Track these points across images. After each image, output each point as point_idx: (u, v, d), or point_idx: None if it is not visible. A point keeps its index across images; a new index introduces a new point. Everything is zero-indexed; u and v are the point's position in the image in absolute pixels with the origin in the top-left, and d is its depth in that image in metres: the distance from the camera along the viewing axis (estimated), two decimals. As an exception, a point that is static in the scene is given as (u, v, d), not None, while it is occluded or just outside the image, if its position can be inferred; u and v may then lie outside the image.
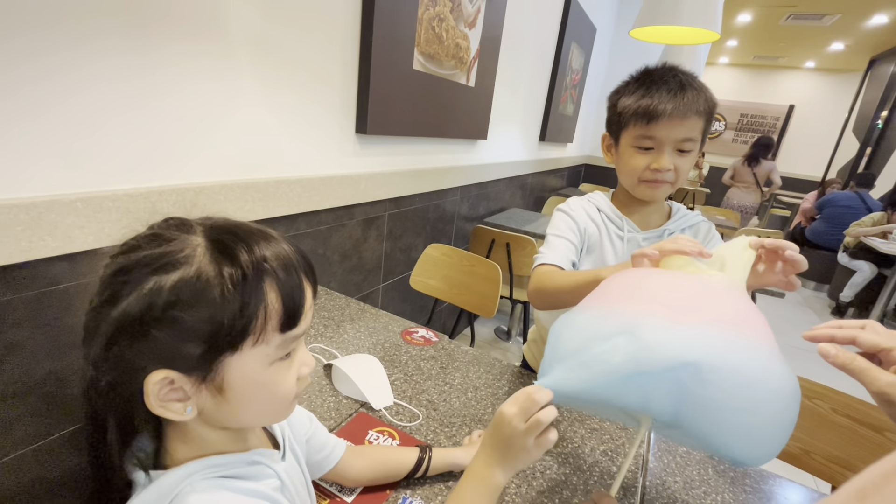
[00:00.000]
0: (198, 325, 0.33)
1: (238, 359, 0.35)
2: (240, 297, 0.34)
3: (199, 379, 0.35)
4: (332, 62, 1.18)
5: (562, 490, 0.66)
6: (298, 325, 0.38)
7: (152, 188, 0.83)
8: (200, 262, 0.34)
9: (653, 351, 0.42)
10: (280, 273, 0.37)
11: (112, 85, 0.74)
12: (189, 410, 0.36)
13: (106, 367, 0.34)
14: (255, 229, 0.39)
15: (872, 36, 5.75)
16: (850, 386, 0.92)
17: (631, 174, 0.80)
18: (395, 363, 0.93)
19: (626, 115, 0.77)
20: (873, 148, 6.10)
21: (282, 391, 0.40)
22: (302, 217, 1.20)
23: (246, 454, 0.42)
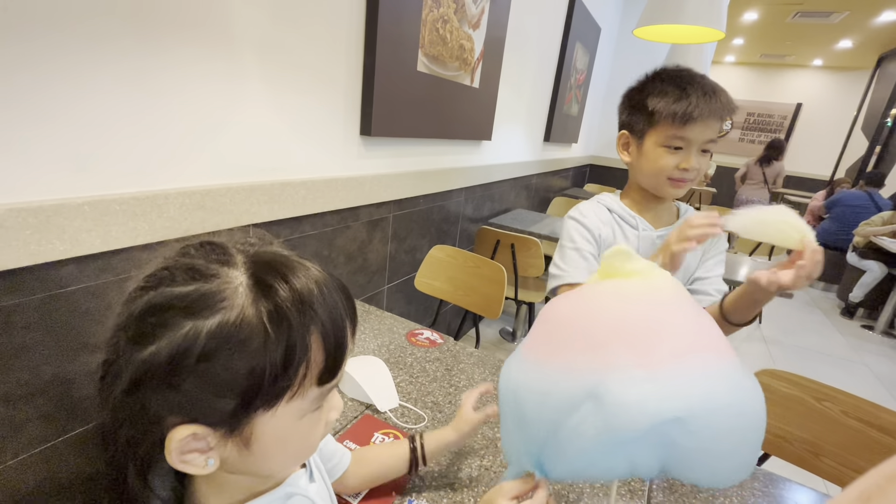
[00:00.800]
0: (234, 378, 0.30)
1: (271, 415, 0.32)
2: (283, 350, 0.31)
3: (225, 433, 0.32)
4: (337, 65, 1.18)
5: (568, 493, 0.66)
6: (338, 376, 0.36)
7: (158, 191, 0.83)
8: (243, 305, 0.30)
9: (626, 415, 0.37)
10: (326, 322, 0.33)
11: (119, 88, 0.75)
12: (210, 463, 0.33)
13: (125, 414, 0.31)
14: (299, 264, 0.35)
15: (881, 33, 5.68)
16: (857, 388, 0.91)
17: (658, 173, 0.81)
18: (400, 365, 0.93)
19: (660, 115, 0.78)
20: (882, 146, 6.04)
21: (312, 441, 0.38)
22: (307, 219, 1.21)
23: (279, 490, 0.39)
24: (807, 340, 3.19)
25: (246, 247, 0.35)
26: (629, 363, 0.39)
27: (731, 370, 0.41)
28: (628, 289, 0.45)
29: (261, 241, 0.37)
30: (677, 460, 0.40)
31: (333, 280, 0.36)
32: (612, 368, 0.39)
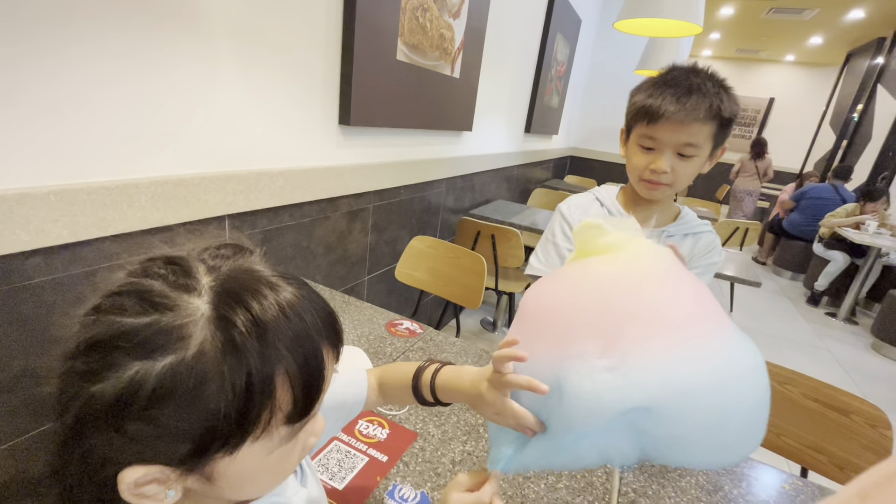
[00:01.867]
0: (185, 426, 0.27)
1: (230, 459, 0.30)
2: (242, 398, 0.28)
3: (183, 472, 0.29)
4: (315, 53, 1.16)
5: (547, 476, 0.68)
6: (311, 413, 0.32)
7: (129, 180, 0.81)
8: (201, 343, 0.27)
9: (587, 407, 0.37)
10: (296, 360, 0.30)
11: (86, 73, 0.72)
12: (171, 494, 0.30)
13: (74, 449, 0.29)
14: (270, 288, 0.31)
15: (850, 30, 5.87)
16: (819, 372, 0.96)
17: (633, 171, 0.82)
18: (380, 355, 0.94)
19: (635, 113, 0.78)
20: (849, 141, 6.27)
21: (285, 471, 0.35)
22: (285, 209, 1.19)
23: (266, 499, 0.37)
24: (775, 327, 3.33)
25: (217, 262, 0.31)
26: (593, 352, 0.38)
27: (717, 348, 0.39)
28: (596, 270, 0.44)
29: (236, 254, 0.33)
30: (654, 448, 0.39)
31: (309, 298, 0.32)
32: (576, 360, 0.38)
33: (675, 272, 0.44)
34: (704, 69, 0.76)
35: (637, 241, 0.45)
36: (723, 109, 0.72)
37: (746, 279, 1.90)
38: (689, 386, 0.37)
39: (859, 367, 2.84)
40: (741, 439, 0.40)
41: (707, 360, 0.38)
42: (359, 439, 0.70)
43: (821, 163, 7.11)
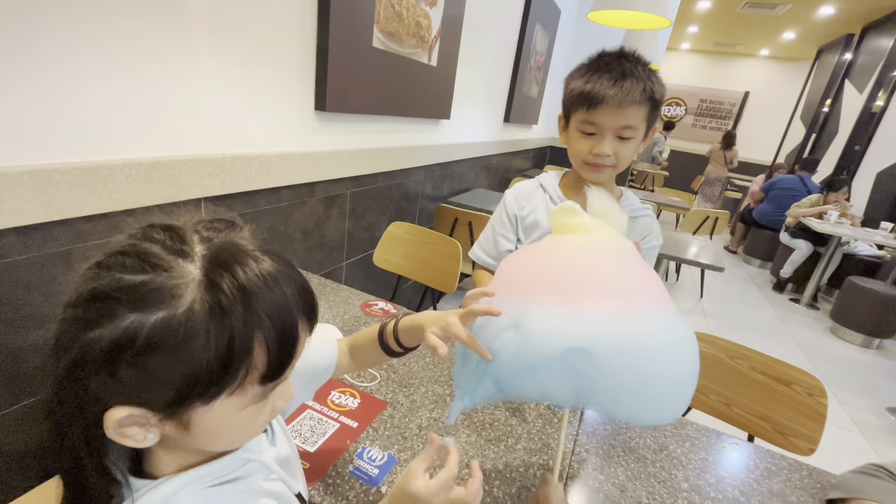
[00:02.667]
0: (170, 375, 0.31)
1: (207, 409, 0.33)
2: (223, 352, 0.31)
3: (163, 417, 0.33)
4: (289, 37, 1.17)
5: (507, 438, 0.73)
6: (284, 375, 0.36)
7: (104, 161, 0.82)
8: (191, 303, 0.30)
9: (538, 342, 0.43)
10: (274, 326, 0.33)
11: (60, 55, 0.73)
12: (150, 437, 0.33)
13: (69, 388, 0.31)
14: (253, 259, 0.34)
15: (821, 26, 6.05)
16: (780, 354, 1.04)
17: (576, 156, 0.85)
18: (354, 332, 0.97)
19: (572, 99, 0.80)
20: (818, 134, 6.49)
21: (255, 428, 0.39)
22: (261, 194, 1.21)
23: (236, 454, 0.40)
24: (742, 313, 3.47)
25: (210, 234, 0.35)
26: (551, 302, 0.45)
27: (655, 318, 0.45)
28: (567, 242, 0.51)
29: (228, 228, 0.36)
30: (589, 392, 0.45)
31: (289, 275, 0.36)
32: (535, 305, 0.45)
33: (631, 256, 0.51)
34: (632, 53, 0.79)
35: (605, 228, 0.52)
36: (655, 92, 0.77)
37: (711, 264, 1.99)
38: (627, 342, 0.44)
39: (817, 350, 3.00)
40: (670, 399, 0.46)
41: (646, 325, 0.45)
42: (331, 408, 0.74)
43: (791, 155, 7.35)
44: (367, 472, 0.63)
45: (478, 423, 0.76)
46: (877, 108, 4.86)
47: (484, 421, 0.76)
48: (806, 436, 0.99)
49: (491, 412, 0.79)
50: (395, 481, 0.62)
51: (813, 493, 0.70)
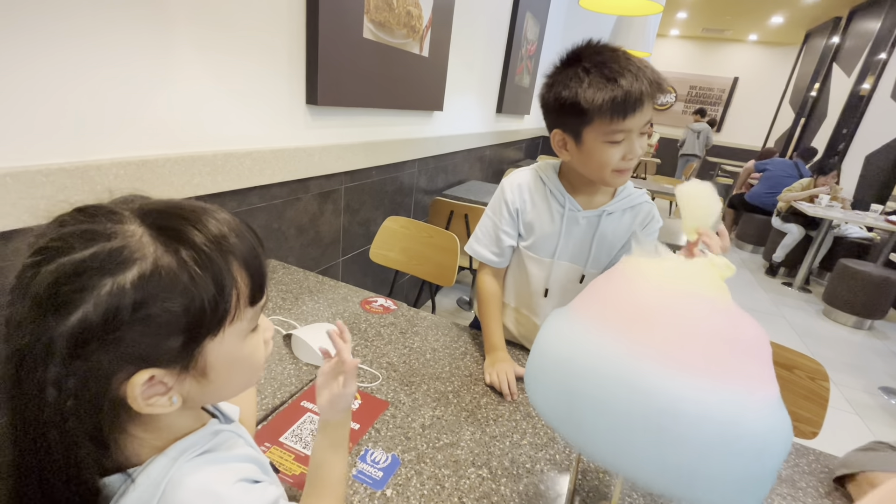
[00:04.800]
0: (175, 317, 0.31)
1: (218, 341, 0.35)
2: (212, 280, 0.32)
3: (181, 370, 0.34)
4: (278, 31, 1.14)
5: (512, 434, 0.72)
6: (265, 295, 0.38)
7: (90, 162, 0.79)
8: (154, 254, 0.31)
9: None
10: (240, 246, 0.35)
11: (41, 51, 0.70)
12: (175, 400, 0.34)
13: (71, 383, 0.30)
14: (190, 206, 0.35)
15: (808, 10, 6.06)
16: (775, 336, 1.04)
17: (604, 167, 0.78)
18: (354, 331, 0.96)
19: (596, 111, 0.72)
20: (807, 118, 6.53)
21: (258, 359, 0.41)
22: (254, 191, 1.18)
23: (207, 427, 0.41)
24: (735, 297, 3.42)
25: (127, 204, 0.34)
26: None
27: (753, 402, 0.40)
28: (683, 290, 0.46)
29: (140, 198, 0.36)
30: None
31: (233, 215, 0.38)
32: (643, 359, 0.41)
33: None
34: (616, 48, 0.75)
35: None
36: (661, 83, 0.73)
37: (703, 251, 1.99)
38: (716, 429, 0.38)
39: (811, 332, 3.04)
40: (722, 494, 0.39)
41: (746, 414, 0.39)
42: (334, 409, 0.73)
43: (781, 140, 7.39)
44: (371, 476, 0.62)
45: (482, 420, 0.75)
46: (864, 92, 4.89)
47: (488, 417, 0.76)
48: (809, 419, 0.99)
49: (495, 408, 0.78)
50: (400, 484, 0.61)
51: (821, 478, 0.70)
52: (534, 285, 0.96)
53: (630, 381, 0.41)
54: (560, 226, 0.89)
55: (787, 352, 1.06)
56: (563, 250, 0.91)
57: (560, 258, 0.92)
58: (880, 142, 4.32)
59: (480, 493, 0.61)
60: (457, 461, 0.66)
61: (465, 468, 0.64)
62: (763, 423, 0.39)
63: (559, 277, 0.93)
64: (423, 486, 0.61)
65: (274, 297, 1.05)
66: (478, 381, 0.85)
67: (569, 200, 0.88)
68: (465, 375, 0.86)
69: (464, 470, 0.64)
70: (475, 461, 0.66)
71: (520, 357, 0.93)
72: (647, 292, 0.46)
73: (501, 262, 0.96)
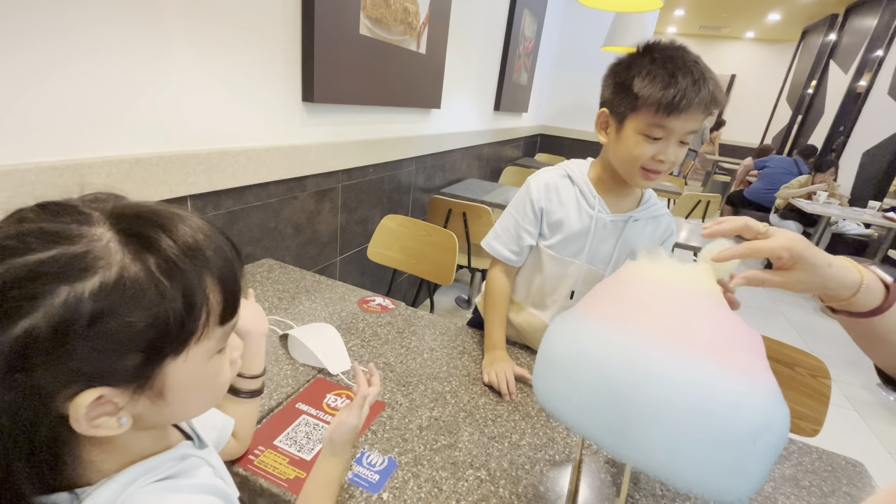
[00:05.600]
0: (136, 333, 0.28)
1: (181, 361, 0.32)
2: (181, 294, 0.30)
3: (135, 389, 0.30)
4: (273, 27, 1.12)
5: (510, 434, 0.72)
6: (237, 314, 0.36)
7: (81, 160, 0.78)
8: (121, 262, 0.28)
9: None
10: (216, 260, 0.33)
11: (31, 48, 0.68)
12: (124, 422, 0.31)
13: (8, 398, 0.27)
14: (167, 211, 0.33)
15: (806, 7, 6.06)
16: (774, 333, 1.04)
17: (633, 161, 0.77)
18: (351, 331, 0.95)
19: (644, 101, 0.72)
20: (804, 116, 6.54)
21: (222, 381, 0.38)
22: (250, 189, 1.17)
23: (174, 450, 0.38)
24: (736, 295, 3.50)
25: (98, 204, 0.31)
26: None
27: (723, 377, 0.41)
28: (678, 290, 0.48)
29: (114, 198, 0.33)
30: None
31: (211, 224, 0.36)
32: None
33: None
34: (692, 52, 0.74)
35: None
36: (719, 98, 0.73)
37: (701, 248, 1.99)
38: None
39: (809, 329, 3.04)
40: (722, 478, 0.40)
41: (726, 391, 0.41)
42: (327, 412, 0.72)
43: (778, 137, 7.39)
44: (368, 479, 0.61)
45: (480, 421, 0.74)
46: (861, 89, 4.90)
47: (486, 417, 0.75)
48: (810, 417, 0.99)
49: (493, 408, 0.77)
50: (397, 487, 0.60)
51: (825, 477, 0.70)
52: (550, 284, 0.94)
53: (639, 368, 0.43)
54: (589, 227, 0.87)
55: (788, 349, 1.05)
56: (591, 254, 0.89)
57: (584, 260, 0.90)
58: (877, 138, 4.33)
59: (479, 496, 0.60)
60: (455, 463, 0.65)
61: (463, 470, 0.63)
62: (761, 408, 0.41)
63: (580, 280, 0.91)
64: (421, 488, 0.60)
65: (270, 296, 1.04)
66: (476, 380, 0.84)
67: (599, 202, 0.87)
68: (463, 375, 0.85)
69: (462, 472, 0.63)
70: (473, 463, 0.65)
71: (520, 356, 0.92)
72: (651, 290, 0.49)
73: (518, 261, 0.95)
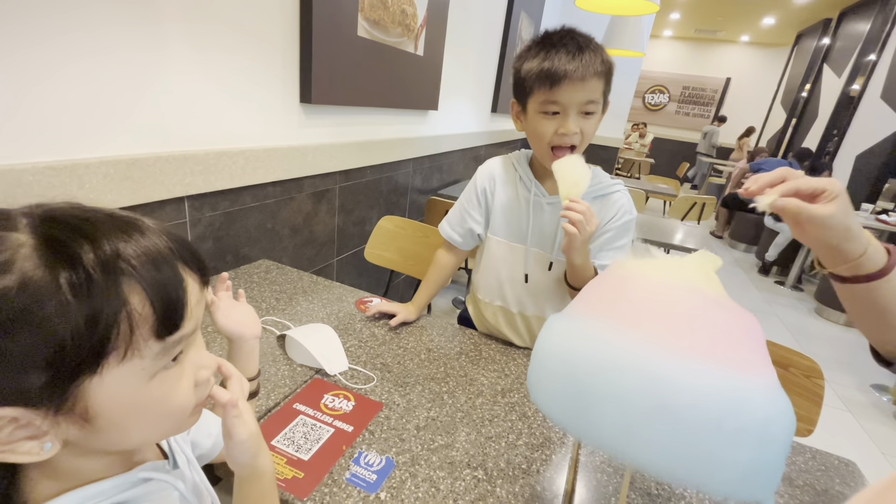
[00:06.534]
0: (30, 350, 0.26)
1: (101, 380, 0.29)
2: (86, 308, 0.27)
3: (52, 411, 0.28)
4: (272, 29, 1.13)
5: (507, 434, 0.72)
6: (182, 326, 0.32)
7: (78, 160, 0.78)
8: (24, 268, 0.26)
9: None
10: (144, 269, 0.29)
11: (28, 47, 0.68)
12: (48, 447, 0.29)
13: None
14: (108, 217, 0.30)
15: (800, 11, 6.11)
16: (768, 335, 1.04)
17: (540, 140, 0.81)
18: (349, 331, 0.95)
19: (530, 80, 0.77)
20: (798, 119, 6.59)
21: (174, 404, 0.34)
22: (247, 190, 1.17)
23: (130, 474, 0.35)
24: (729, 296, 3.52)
25: (33, 209, 0.29)
26: None
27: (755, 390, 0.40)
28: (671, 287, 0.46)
29: (69, 205, 0.31)
30: None
31: (164, 231, 0.33)
32: None
33: None
34: (576, 29, 0.78)
35: None
36: (610, 64, 0.77)
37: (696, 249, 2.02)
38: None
39: (803, 330, 3.06)
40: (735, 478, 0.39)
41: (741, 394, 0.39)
42: (324, 412, 0.72)
43: (773, 140, 7.45)
44: (365, 479, 0.61)
45: (477, 421, 0.74)
46: (854, 92, 4.94)
47: (483, 417, 0.75)
48: (804, 417, 0.99)
49: (490, 408, 0.77)
50: (394, 486, 0.60)
51: (818, 476, 0.71)
52: (504, 272, 0.98)
53: (633, 368, 0.42)
54: (527, 211, 0.91)
55: (782, 350, 1.06)
56: (533, 236, 0.93)
57: (532, 244, 0.94)
58: (870, 142, 4.37)
59: (476, 495, 0.60)
60: (452, 463, 0.65)
61: (460, 469, 0.64)
62: (763, 406, 0.40)
63: (534, 263, 0.95)
64: (418, 488, 0.60)
65: (268, 297, 1.04)
66: (473, 381, 0.84)
67: (535, 186, 0.90)
68: (461, 376, 0.85)
69: (459, 471, 0.63)
70: (470, 462, 0.65)
71: (510, 352, 0.93)
72: (644, 287, 0.47)
73: (463, 243, 1.02)
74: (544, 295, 0.97)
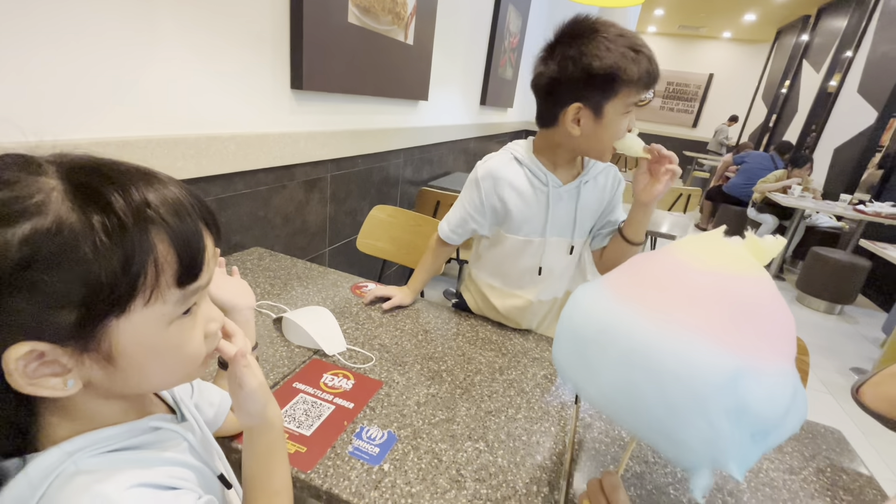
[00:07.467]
0: (66, 287, 0.27)
1: (128, 322, 0.30)
2: (120, 251, 0.28)
3: (78, 349, 0.29)
4: (261, 11, 1.11)
5: (507, 409, 0.73)
6: (200, 277, 0.33)
7: (66, 141, 0.76)
8: (59, 211, 0.27)
9: None
10: (169, 219, 0.30)
11: (18, 29, 0.66)
12: (71, 384, 0.30)
13: None
14: (131, 167, 0.31)
15: (779, 8, 6.24)
16: None
17: (613, 137, 0.81)
18: (345, 314, 0.95)
19: (629, 81, 0.75)
20: (778, 114, 6.73)
21: (189, 351, 0.35)
22: (239, 176, 1.16)
23: (141, 421, 0.37)
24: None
25: (58, 157, 0.30)
26: None
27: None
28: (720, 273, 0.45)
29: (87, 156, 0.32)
30: None
31: (182, 186, 0.34)
32: None
33: None
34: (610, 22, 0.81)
35: None
36: None
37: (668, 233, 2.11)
38: None
39: (786, 318, 3.14)
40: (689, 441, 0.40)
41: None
42: (324, 390, 0.72)
43: (755, 134, 7.60)
44: (368, 452, 0.61)
45: (476, 397, 0.75)
46: (832, 88, 5.07)
47: (482, 394, 0.76)
48: (789, 392, 1.03)
49: (489, 385, 0.78)
50: (397, 458, 0.60)
51: (805, 443, 0.73)
52: (525, 265, 0.98)
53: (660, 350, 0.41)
54: (546, 203, 0.92)
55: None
56: (552, 226, 0.94)
57: (550, 235, 0.94)
58: (848, 135, 4.49)
59: (478, 465, 0.61)
60: (453, 436, 0.66)
61: (461, 442, 0.65)
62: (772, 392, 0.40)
63: (551, 252, 0.96)
64: (421, 459, 0.61)
65: (262, 283, 1.03)
66: (471, 360, 0.85)
67: (551, 178, 0.90)
68: (459, 355, 0.86)
69: (461, 444, 0.64)
70: (472, 435, 0.66)
71: (506, 333, 0.94)
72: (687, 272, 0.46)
73: (457, 240, 1.03)
74: (560, 281, 1.01)
